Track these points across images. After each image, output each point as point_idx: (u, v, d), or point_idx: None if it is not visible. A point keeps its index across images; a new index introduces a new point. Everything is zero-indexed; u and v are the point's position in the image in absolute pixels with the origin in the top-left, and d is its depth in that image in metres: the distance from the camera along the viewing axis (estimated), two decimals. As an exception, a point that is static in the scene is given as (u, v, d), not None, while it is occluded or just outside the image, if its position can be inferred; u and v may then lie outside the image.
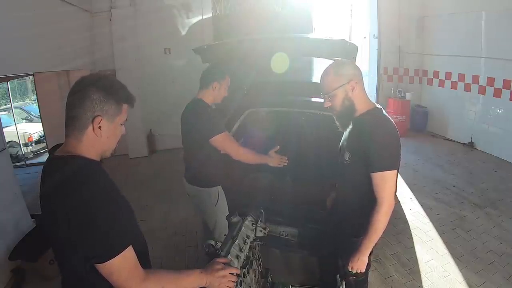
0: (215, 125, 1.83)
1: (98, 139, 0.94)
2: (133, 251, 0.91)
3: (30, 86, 9.16)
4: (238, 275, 1.09)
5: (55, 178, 0.88)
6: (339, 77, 1.31)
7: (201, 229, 2.38)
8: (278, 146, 2.00)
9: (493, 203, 3.34)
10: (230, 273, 1.06)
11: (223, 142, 1.84)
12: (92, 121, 0.91)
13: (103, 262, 0.84)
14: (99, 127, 0.92)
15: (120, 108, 0.97)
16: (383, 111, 1.37)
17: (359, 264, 1.37)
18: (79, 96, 0.91)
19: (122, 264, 0.87)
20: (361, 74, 1.36)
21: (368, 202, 1.31)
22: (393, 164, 1.27)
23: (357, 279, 1.44)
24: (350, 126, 1.39)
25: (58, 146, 0.97)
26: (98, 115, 0.91)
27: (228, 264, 1.10)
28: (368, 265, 1.47)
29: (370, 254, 1.41)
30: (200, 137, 1.84)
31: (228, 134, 1.88)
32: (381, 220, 1.28)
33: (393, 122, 1.35)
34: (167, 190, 3.85)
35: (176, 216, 3.30)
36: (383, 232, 1.32)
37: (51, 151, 0.98)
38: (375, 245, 1.36)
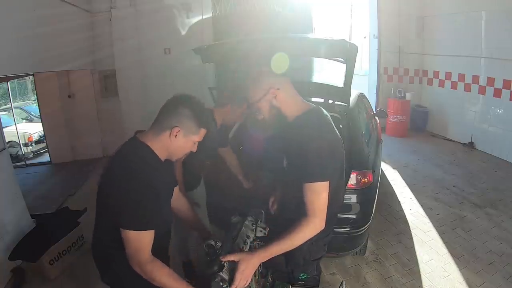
0: None
1: (170, 144, 1.12)
2: (151, 236, 1.06)
3: (30, 86, 9.14)
4: None
5: (119, 149, 1.13)
6: (259, 88, 1.26)
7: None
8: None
9: (493, 203, 3.34)
10: None
11: None
12: (171, 129, 1.09)
13: (123, 229, 1.03)
14: (175, 136, 1.10)
15: (198, 130, 1.14)
16: (322, 111, 1.27)
17: (245, 269, 1.07)
18: (171, 105, 1.13)
19: (136, 239, 1.03)
20: (286, 79, 1.29)
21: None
22: (324, 174, 1.14)
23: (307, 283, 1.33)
24: (288, 129, 1.28)
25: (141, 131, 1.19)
26: (177, 126, 1.10)
27: (227, 282, 1.07)
28: (319, 270, 1.39)
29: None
30: None
31: None
32: (305, 233, 1.13)
33: (331, 124, 1.24)
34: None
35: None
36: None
37: (137, 132, 1.18)
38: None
